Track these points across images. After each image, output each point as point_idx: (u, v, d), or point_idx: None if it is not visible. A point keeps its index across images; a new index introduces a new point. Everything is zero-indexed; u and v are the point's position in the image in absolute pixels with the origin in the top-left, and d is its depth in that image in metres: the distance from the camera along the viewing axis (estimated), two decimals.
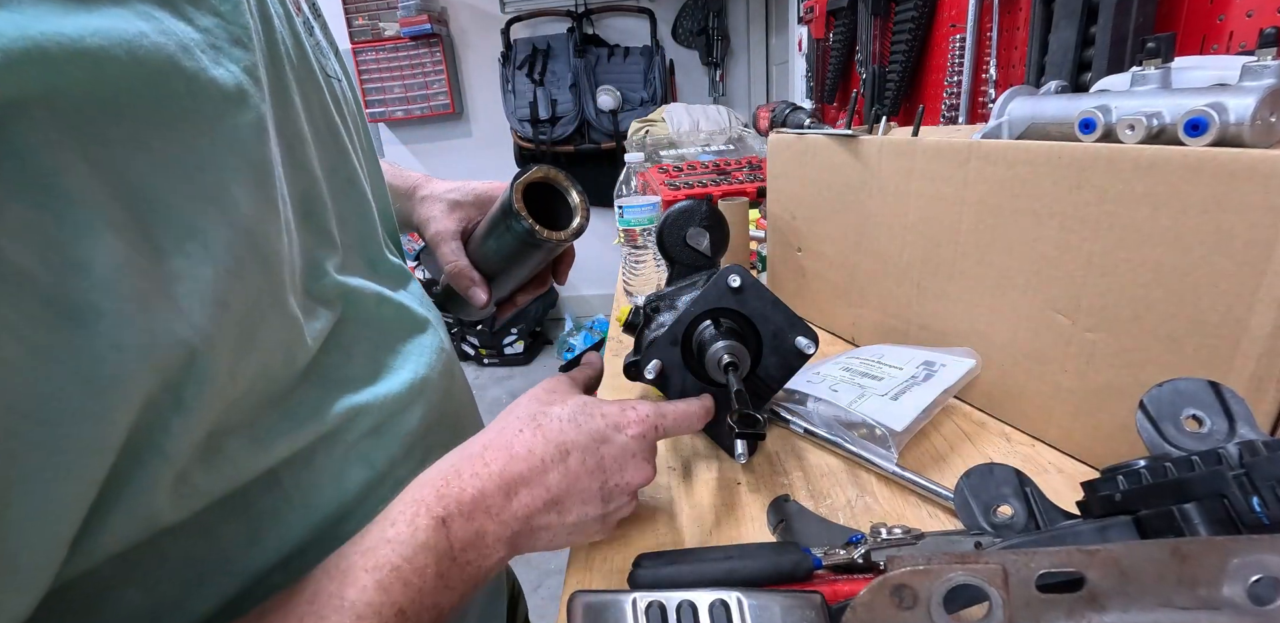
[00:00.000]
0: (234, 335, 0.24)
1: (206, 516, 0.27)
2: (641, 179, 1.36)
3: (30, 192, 0.18)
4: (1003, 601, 0.22)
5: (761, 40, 3.08)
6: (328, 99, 0.37)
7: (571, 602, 0.29)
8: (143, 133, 0.21)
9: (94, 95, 0.20)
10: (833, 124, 0.72)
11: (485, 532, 0.30)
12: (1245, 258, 0.35)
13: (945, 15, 1.19)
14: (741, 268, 0.50)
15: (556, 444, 0.34)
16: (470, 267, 0.52)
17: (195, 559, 0.28)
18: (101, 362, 0.20)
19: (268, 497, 0.30)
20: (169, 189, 0.22)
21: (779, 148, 0.75)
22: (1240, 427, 0.29)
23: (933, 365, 0.55)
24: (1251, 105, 0.36)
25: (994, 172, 0.49)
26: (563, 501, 0.33)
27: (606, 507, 0.35)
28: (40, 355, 0.18)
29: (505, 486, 0.32)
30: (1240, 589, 0.21)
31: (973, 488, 0.32)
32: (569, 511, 0.34)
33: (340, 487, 0.33)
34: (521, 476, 0.32)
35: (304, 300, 0.32)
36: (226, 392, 0.25)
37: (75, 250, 0.19)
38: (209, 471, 0.26)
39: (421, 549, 0.28)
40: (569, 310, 3.41)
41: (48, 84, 0.18)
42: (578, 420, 0.35)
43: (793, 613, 0.28)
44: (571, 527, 0.35)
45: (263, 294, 0.26)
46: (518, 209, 0.43)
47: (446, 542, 0.29)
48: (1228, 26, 0.64)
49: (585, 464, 0.34)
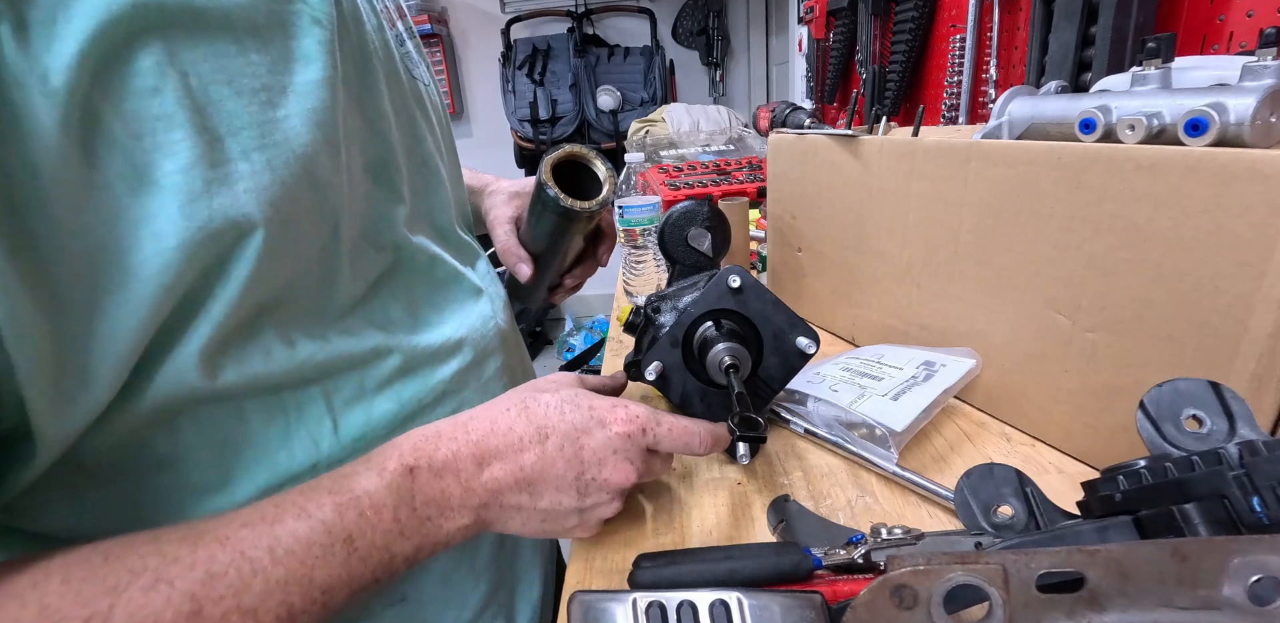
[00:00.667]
0: (278, 234, 0.29)
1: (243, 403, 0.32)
2: (642, 179, 1.36)
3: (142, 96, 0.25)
4: (1003, 601, 0.22)
5: (761, 40, 3.08)
6: (409, 95, 0.44)
7: (571, 602, 0.29)
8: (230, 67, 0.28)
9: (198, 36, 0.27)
10: (833, 124, 0.72)
11: (450, 494, 0.31)
12: (1245, 258, 0.35)
13: (945, 15, 1.19)
14: (741, 268, 0.50)
15: (538, 427, 0.34)
16: (517, 245, 0.55)
17: (232, 443, 0.32)
18: (171, 224, 0.26)
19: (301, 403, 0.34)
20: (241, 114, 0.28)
21: (779, 148, 0.75)
22: (1240, 427, 0.29)
23: (933, 365, 0.55)
24: (1251, 105, 0.36)
25: (994, 172, 0.49)
26: (535, 483, 0.33)
27: (583, 501, 0.35)
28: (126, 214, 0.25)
29: (479, 455, 0.32)
30: (1240, 589, 0.21)
31: (973, 488, 0.32)
32: (541, 494, 0.34)
33: (369, 414, 0.37)
34: (497, 449, 0.33)
35: (358, 237, 0.38)
36: (266, 280, 0.30)
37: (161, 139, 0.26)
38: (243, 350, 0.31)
39: (384, 490, 0.30)
40: (569, 310, 3.41)
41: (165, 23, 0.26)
42: (563, 409, 0.36)
43: (793, 613, 0.28)
44: (544, 513, 0.35)
45: (310, 212, 0.32)
46: (545, 181, 0.45)
47: (410, 491, 0.30)
48: (1228, 26, 0.64)
49: (563, 451, 0.34)
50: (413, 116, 0.45)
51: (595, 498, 0.35)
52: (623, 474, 0.36)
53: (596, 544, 0.44)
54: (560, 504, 0.34)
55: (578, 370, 1.97)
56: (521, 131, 2.95)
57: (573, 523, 0.36)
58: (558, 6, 3.01)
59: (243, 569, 0.25)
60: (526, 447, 0.33)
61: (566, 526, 0.36)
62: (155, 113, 0.26)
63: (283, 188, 0.29)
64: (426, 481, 0.31)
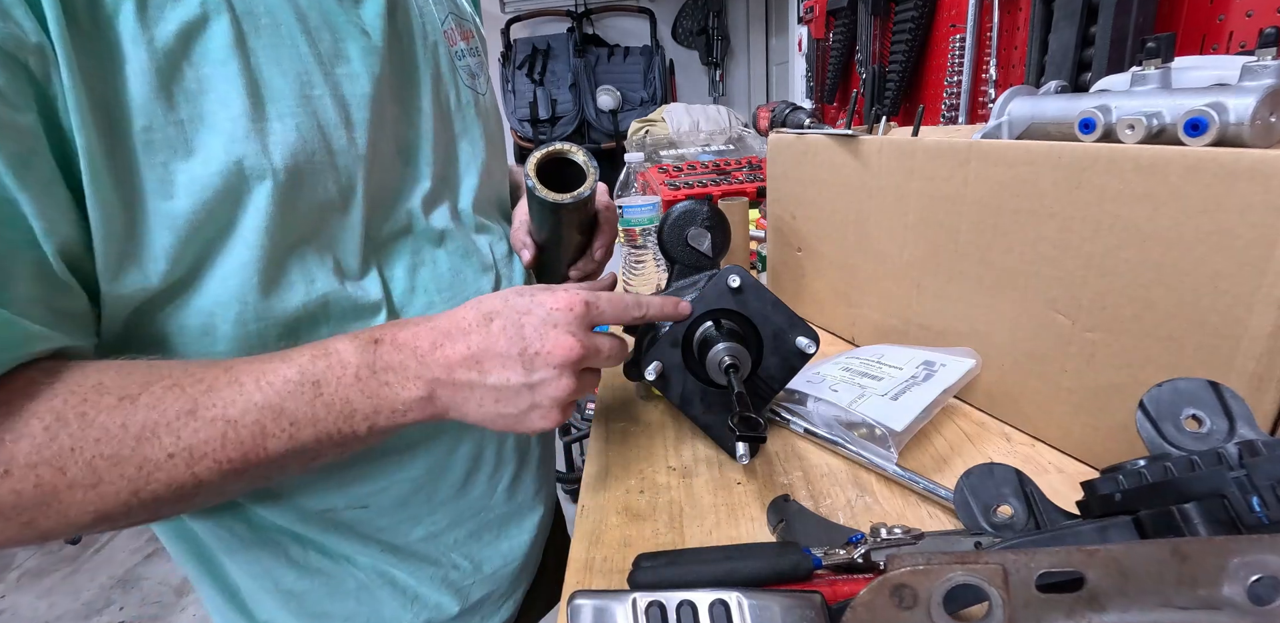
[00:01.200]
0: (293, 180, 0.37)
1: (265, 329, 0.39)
2: (641, 179, 1.36)
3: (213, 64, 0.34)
4: (1003, 601, 0.22)
5: (761, 40, 3.08)
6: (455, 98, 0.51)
7: (571, 602, 0.29)
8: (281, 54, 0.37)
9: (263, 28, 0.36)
10: (833, 124, 0.72)
11: (406, 364, 0.36)
12: (1245, 258, 0.35)
13: (945, 15, 1.19)
14: (741, 268, 0.50)
15: (484, 313, 0.38)
16: (525, 233, 0.56)
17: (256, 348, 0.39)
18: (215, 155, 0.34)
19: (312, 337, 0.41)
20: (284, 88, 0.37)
21: (779, 148, 0.75)
22: (1240, 427, 0.29)
23: (933, 365, 0.55)
24: (1251, 105, 0.36)
25: (994, 172, 0.49)
26: (482, 360, 0.36)
27: (529, 376, 0.37)
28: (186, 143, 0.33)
29: (433, 337, 0.37)
30: (1240, 589, 0.21)
31: (973, 488, 0.32)
32: (488, 371, 0.37)
33: None
34: (448, 332, 0.37)
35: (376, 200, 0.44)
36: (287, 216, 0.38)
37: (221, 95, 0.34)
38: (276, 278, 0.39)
39: (352, 350, 0.35)
40: None
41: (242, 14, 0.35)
42: (508, 297, 0.39)
43: (793, 613, 0.28)
44: (495, 391, 0.37)
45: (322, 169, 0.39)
46: (528, 174, 0.45)
47: (372, 357, 0.36)
48: (1228, 26, 0.64)
49: (506, 331, 0.37)
50: (449, 113, 0.51)
51: (541, 373, 0.37)
52: (564, 347, 0.37)
53: (596, 544, 0.44)
54: (508, 381, 0.37)
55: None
56: (521, 131, 2.95)
57: (525, 403, 0.38)
58: (557, 6, 3.01)
59: (233, 389, 0.32)
60: (473, 329, 0.37)
61: (520, 406, 0.38)
62: (220, 76, 0.34)
63: (303, 146, 0.37)
64: (387, 351, 0.36)
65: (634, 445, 0.56)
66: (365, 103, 0.41)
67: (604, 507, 0.48)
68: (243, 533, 0.46)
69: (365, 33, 0.42)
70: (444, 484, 0.51)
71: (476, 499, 0.54)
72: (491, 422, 0.38)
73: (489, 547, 0.56)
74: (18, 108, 0.28)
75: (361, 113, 0.41)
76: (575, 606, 0.29)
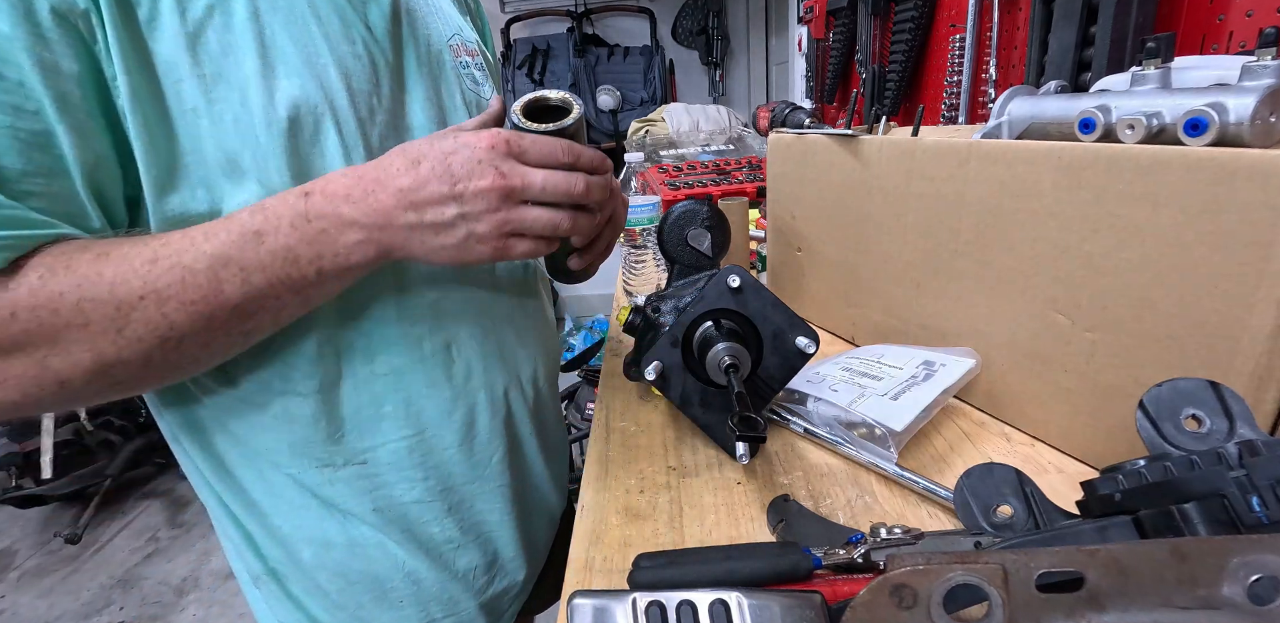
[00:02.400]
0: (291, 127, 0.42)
1: None
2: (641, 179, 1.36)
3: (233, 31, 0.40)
4: (1003, 601, 0.22)
5: (761, 40, 3.08)
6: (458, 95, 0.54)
7: (571, 602, 0.29)
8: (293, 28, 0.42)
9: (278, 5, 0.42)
10: (833, 124, 0.72)
11: (340, 212, 0.39)
12: (1245, 258, 0.35)
13: (945, 15, 1.19)
14: (741, 268, 0.50)
15: (411, 158, 0.40)
16: None
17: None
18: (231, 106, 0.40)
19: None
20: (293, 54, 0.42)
21: (779, 148, 0.75)
22: (1240, 427, 0.29)
23: (932, 365, 0.55)
24: (1251, 105, 0.36)
25: (994, 172, 0.49)
26: (415, 200, 0.40)
27: (462, 207, 0.40)
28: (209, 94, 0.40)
29: (364, 185, 0.40)
30: (1240, 589, 0.21)
31: (973, 488, 0.32)
32: (424, 209, 0.40)
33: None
34: (378, 179, 0.40)
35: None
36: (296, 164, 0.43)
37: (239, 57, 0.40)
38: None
39: (284, 204, 0.39)
40: (569, 310, 3.41)
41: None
42: (433, 140, 0.42)
43: (792, 613, 0.28)
44: (432, 227, 0.40)
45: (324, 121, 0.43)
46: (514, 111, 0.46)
47: (305, 207, 0.39)
48: (1228, 26, 0.64)
49: (434, 171, 0.40)
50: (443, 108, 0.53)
51: (474, 205, 0.40)
52: (489, 179, 0.40)
53: (596, 544, 0.44)
54: (443, 215, 0.40)
55: (578, 371, 1.97)
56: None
57: (462, 233, 0.41)
58: (557, 6, 3.01)
59: (185, 241, 0.37)
60: (402, 173, 0.40)
61: (458, 237, 0.41)
62: (239, 41, 0.40)
63: (306, 100, 0.42)
64: (319, 201, 0.39)
65: (634, 445, 0.56)
66: (365, 76, 0.46)
67: (604, 507, 0.48)
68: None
69: (369, 28, 0.47)
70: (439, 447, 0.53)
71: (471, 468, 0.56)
72: (436, 255, 0.42)
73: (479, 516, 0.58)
74: (67, 57, 0.35)
75: (361, 84, 0.45)
76: (575, 605, 0.29)
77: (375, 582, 0.54)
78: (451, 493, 0.55)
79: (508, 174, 0.40)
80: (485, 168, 0.40)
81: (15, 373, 0.35)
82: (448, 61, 0.54)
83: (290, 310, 0.41)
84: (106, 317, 0.35)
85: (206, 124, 0.40)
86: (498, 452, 0.57)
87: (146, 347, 0.37)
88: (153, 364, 0.38)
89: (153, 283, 0.36)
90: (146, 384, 0.41)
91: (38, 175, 0.35)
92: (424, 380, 0.51)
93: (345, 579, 0.54)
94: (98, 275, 0.35)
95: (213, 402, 0.48)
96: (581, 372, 1.95)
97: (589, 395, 1.91)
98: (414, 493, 0.53)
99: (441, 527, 0.55)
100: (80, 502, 2.14)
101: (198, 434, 0.50)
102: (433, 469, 0.53)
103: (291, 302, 0.41)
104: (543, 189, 0.42)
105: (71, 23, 0.35)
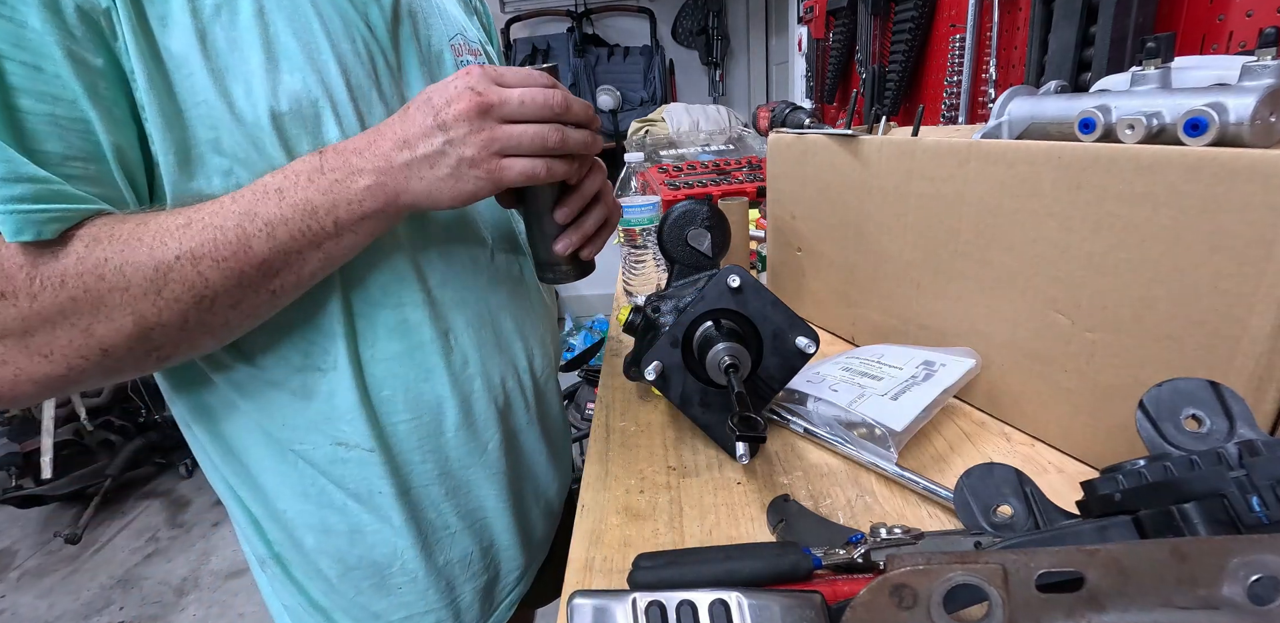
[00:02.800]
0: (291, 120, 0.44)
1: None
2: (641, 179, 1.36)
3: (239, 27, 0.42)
4: (1002, 600, 0.22)
5: (761, 40, 3.08)
6: None
7: (571, 602, 0.29)
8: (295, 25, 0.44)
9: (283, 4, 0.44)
10: (833, 124, 0.72)
11: (350, 162, 0.42)
12: (1245, 258, 0.35)
13: (945, 15, 1.19)
14: (741, 268, 0.50)
15: (403, 108, 0.44)
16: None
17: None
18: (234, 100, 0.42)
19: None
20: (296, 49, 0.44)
21: (779, 148, 0.75)
22: (1240, 427, 0.29)
23: (932, 365, 0.55)
24: (1251, 105, 0.36)
25: (994, 171, 0.49)
26: (407, 138, 0.42)
27: (448, 133, 0.41)
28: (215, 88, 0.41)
29: (368, 137, 0.43)
30: (1240, 589, 0.21)
31: (973, 488, 0.32)
32: (415, 145, 0.42)
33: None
34: (378, 130, 0.43)
35: None
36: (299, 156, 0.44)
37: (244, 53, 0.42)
38: None
39: (302, 162, 0.42)
40: (569, 310, 3.41)
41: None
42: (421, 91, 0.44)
43: (792, 613, 0.28)
44: (426, 159, 0.42)
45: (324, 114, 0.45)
46: None
47: (319, 162, 0.42)
48: (1228, 26, 0.64)
49: (419, 109, 0.42)
50: None
51: (457, 129, 0.41)
52: (467, 100, 0.41)
53: (596, 544, 0.44)
54: (432, 145, 0.42)
55: (578, 371, 1.97)
56: None
57: (454, 160, 0.42)
58: (557, 6, 3.01)
59: (215, 205, 0.40)
60: (395, 121, 0.43)
61: (451, 164, 0.42)
62: (245, 38, 0.42)
63: (307, 94, 0.44)
64: (330, 156, 0.42)
65: (634, 445, 0.56)
66: (365, 72, 0.48)
67: (604, 507, 0.48)
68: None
69: (370, 27, 0.48)
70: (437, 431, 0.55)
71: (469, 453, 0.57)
72: (436, 191, 0.43)
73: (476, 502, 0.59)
74: (92, 52, 0.38)
75: (360, 80, 0.47)
76: (575, 605, 0.29)
77: (374, 568, 0.55)
78: (449, 478, 0.56)
79: (484, 93, 0.42)
80: (462, 91, 0.42)
81: (61, 344, 0.37)
82: (449, 61, 0.55)
83: (311, 268, 0.43)
84: (146, 279, 0.38)
85: (217, 115, 0.42)
86: (493, 439, 0.58)
87: (183, 307, 0.39)
88: (189, 326, 0.40)
89: (187, 243, 0.38)
90: (182, 351, 0.43)
91: (77, 159, 0.38)
92: (422, 367, 0.52)
93: (344, 565, 0.55)
94: (137, 240, 0.38)
95: (226, 382, 0.49)
96: (581, 372, 1.95)
97: (589, 395, 1.91)
98: (414, 476, 0.54)
99: (439, 512, 0.56)
100: (80, 502, 2.14)
101: (209, 419, 0.51)
102: (431, 453, 0.54)
103: (313, 258, 0.43)
104: (521, 103, 0.42)
105: (94, 20, 0.38)
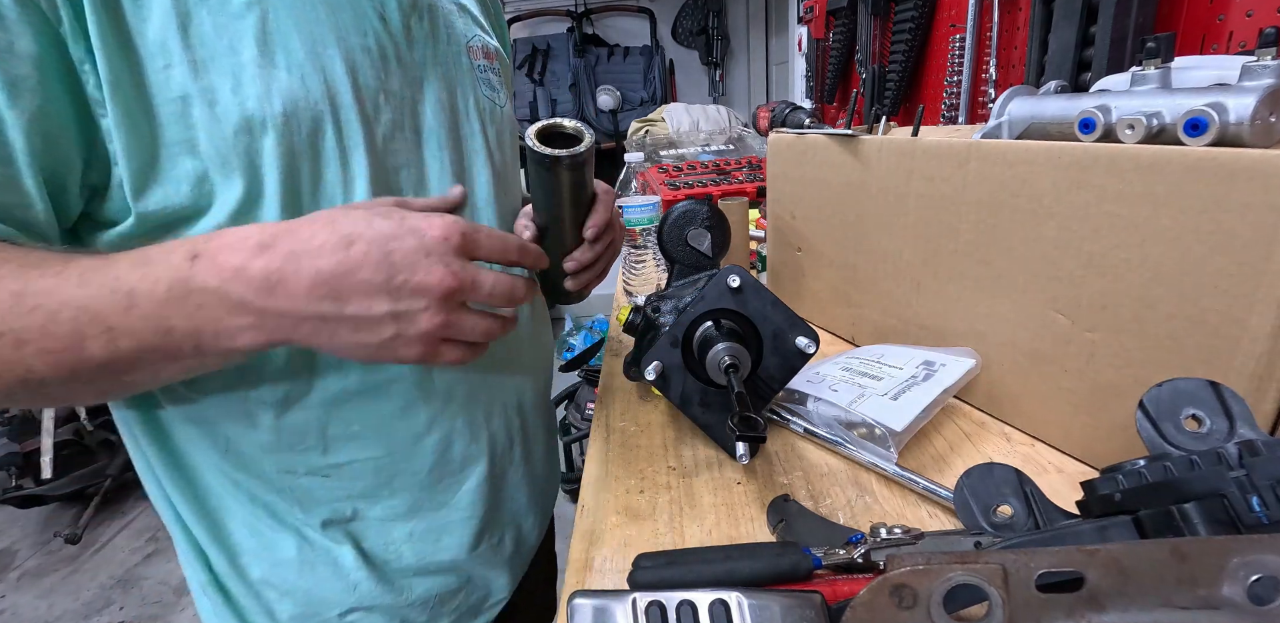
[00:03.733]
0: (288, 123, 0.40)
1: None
2: (641, 179, 1.36)
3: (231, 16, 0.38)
4: (1002, 601, 0.22)
5: (761, 40, 3.08)
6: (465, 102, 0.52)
7: (571, 602, 0.29)
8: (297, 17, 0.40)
9: None
10: (833, 124, 0.72)
11: (227, 292, 0.32)
12: (1245, 258, 0.35)
13: (945, 15, 1.19)
14: (741, 268, 0.50)
15: (342, 235, 0.34)
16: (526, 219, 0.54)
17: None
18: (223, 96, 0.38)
19: None
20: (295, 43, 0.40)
21: (779, 148, 0.75)
22: (1240, 427, 0.29)
23: (932, 365, 0.55)
24: (1251, 105, 0.36)
25: (994, 171, 0.49)
26: (339, 288, 0.33)
27: (396, 305, 0.34)
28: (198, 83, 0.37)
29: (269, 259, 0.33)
30: (1240, 589, 0.21)
31: (973, 488, 0.32)
32: (347, 300, 0.33)
33: None
34: (293, 253, 0.33)
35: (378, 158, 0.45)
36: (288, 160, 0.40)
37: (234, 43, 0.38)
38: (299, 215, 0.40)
39: (166, 265, 0.33)
40: (569, 310, 3.41)
41: None
42: (371, 219, 0.35)
43: (792, 613, 0.28)
44: (354, 321, 0.34)
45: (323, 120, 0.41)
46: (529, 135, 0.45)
47: (187, 274, 0.32)
48: (1228, 26, 0.64)
49: (369, 256, 0.33)
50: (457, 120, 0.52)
51: (410, 303, 0.34)
52: (437, 276, 0.34)
53: (596, 544, 0.44)
54: (370, 310, 0.34)
55: (578, 371, 1.97)
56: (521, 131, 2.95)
57: (389, 333, 0.35)
58: (557, 6, 3.01)
59: (57, 280, 0.32)
60: (327, 252, 0.33)
61: (383, 336, 0.35)
62: (237, 27, 0.38)
63: (306, 95, 0.40)
64: (204, 270, 0.33)
65: (634, 445, 0.56)
66: (374, 71, 0.44)
67: (604, 507, 0.48)
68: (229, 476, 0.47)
69: (384, 19, 0.45)
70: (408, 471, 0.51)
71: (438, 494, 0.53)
72: (348, 352, 0.36)
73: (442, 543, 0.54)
74: (20, 35, 0.32)
75: (369, 79, 0.43)
76: (575, 605, 0.29)
77: (323, 604, 0.51)
78: (415, 517, 0.52)
79: (458, 274, 0.35)
80: (433, 262, 0.34)
81: None
82: (465, 63, 0.52)
83: (172, 374, 0.36)
84: None
85: (195, 114, 0.37)
86: (469, 480, 0.54)
87: (6, 384, 0.33)
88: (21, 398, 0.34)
89: (12, 322, 0.31)
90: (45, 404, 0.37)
91: None
92: (399, 402, 0.48)
93: (292, 599, 0.51)
94: None
95: (174, 404, 0.45)
96: (581, 372, 1.95)
97: (589, 395, 1.92)
98: (375, 512, 0.51)
99: (397, 552, 0.52)
100: (80, 502, 2.14)
101: (158, 436, 0.46)
102: (399, 491, 0.51)
103: (171, 368, 0.35)
104: (490, 293, 0.37)
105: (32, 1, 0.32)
